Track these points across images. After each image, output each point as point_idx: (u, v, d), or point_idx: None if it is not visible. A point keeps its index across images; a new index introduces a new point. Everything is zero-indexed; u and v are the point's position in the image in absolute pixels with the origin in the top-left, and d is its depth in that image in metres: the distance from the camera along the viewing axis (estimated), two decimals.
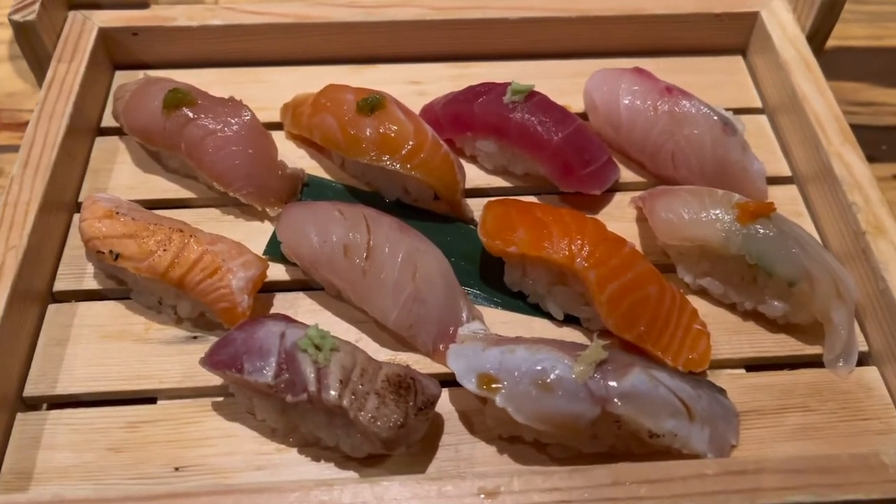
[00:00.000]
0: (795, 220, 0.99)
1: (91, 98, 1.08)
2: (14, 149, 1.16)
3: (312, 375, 0.76)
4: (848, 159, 0.98)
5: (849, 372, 0.89)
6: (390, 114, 0.98)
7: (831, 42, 1.45)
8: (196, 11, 1.14)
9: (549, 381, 0.76)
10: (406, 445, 0.78)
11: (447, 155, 0.98)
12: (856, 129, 1.03)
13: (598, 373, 0.77)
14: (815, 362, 0.90)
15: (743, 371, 0.90)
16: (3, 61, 1.35)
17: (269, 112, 1.10)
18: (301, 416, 0.79)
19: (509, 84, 1.01)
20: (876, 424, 0.85)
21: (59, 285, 0.94)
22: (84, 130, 1.05)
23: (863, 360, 0.90)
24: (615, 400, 0.76)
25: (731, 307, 0.94)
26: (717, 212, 0.89)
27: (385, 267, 0.87)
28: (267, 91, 1.13)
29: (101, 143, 1.07)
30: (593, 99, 1.06)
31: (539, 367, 0.77)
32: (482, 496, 0.71)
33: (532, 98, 1.00)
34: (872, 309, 0.90)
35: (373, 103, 0.98)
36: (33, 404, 0.86)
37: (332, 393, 0.75)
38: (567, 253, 0.86)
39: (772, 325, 0.92)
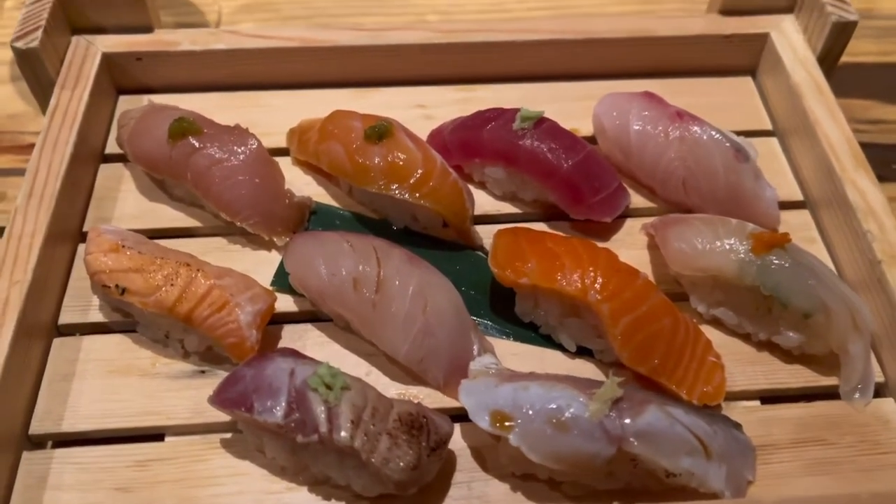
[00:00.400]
0: (808, 246, 0.99)
1: (95, 124, 1.07)
2: (17, 172, 1.16)
3: (323, 416, 0.75)
4: (862, 185, 0.97)
5: (865, 404, 0.87)
6: (398, 141, 0.97)
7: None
8: (200, 36, 1.13)
9: (563, 419, 0.75)
10: (418, 486, 0.77)
11: (456, 183, 0.97)
12: (865, 147, 1.02)
13: (613, 411, 0.76)
14: (831, 394, 0.89)
15: (758, 403, 0.89)
16: (4, 82, 1.33)
17: (274, 137, 1.09)
18: (312, 455, 0.78)
19: (518, 110, 1.00)
20: (895, 458, 0.84)
21: (65, 318, 0.92)
22: (88, 158, 1.04)
23: (879, 392, 0.89)
24: (631, 439, 0.75)
25: (746, 337, 0.92)
26: (731, 242, 0.88)
27: (395, 300, 0.85)
28: (272, 115, 1.12)
29: (105, 170, 1.06)
30: (602, 123, 1.05)
31: (553, 406, 0.76)
32: None
33: (541, 124, 0.99)
34: (889, 339, 0.89)
35: (381, 131, 0.97)
36: (39, 442, 0.84)
37: (344, 434, 0.74)
38: (580, 285, 0.85)
39: (787, 355, 0.91)
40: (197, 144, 0.95)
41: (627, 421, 0.75)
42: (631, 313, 0.84)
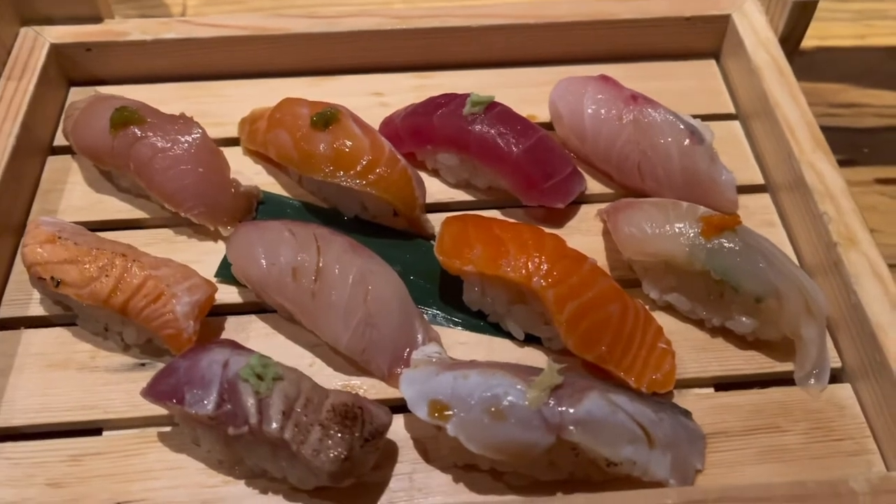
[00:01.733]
0: (768, 229, 0.97)
1: (42, 116, 1.05)
2: None
3: (253, 407, 0.73)
4: (820, 168, 0.95)
5: (821, 390, 0.85)
6: (345, 128, 0.95)
7: (812, 42, 1.42)
8: (150, 25, 1.11)
9: (501, 408, 0.73)
10: (354, 477, 0.75)
11: (405, 170, 0.95)
12: (837, 131, 1.00)
13: (552, 398, 0.74)
14: (786, 380, 0.87)
15: (711, 390, 0.87)
16: None
17: (226, 127, 1.08)
18: (246, 447, 0.76)
19: (469, 95, 0.98)
20: (849, 445, 0.82)
21: (4, 312, 0.91)
22: (34, 150, 1.03)
23: (836, 377, 0.87)
24: (570, 427, 0.73)
25: (699, 323, 0.90)
26: (681, 225, 0.86)
27: (335, 289, 0.83)
28: (225, 106, 1.10)
29: (52, 162, 1.05)
30: (558, 108, 1.03)
31: (491, 394, 0.74)
32: None
33: (493, 109, 0.97)
34: (845, 323, 0.87)
35: (327, 117, 0.95)
36: None
37: (274, 425, 0.72)
38: (524, 272, 0.83)
39: (741, 341, 0.89)
40: (139, 134, 0.94)
41: (567, 409, 0.73)
42: (576, 299, 0.82)
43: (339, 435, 0.73)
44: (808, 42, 1.23)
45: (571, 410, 0.73)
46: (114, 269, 0.83)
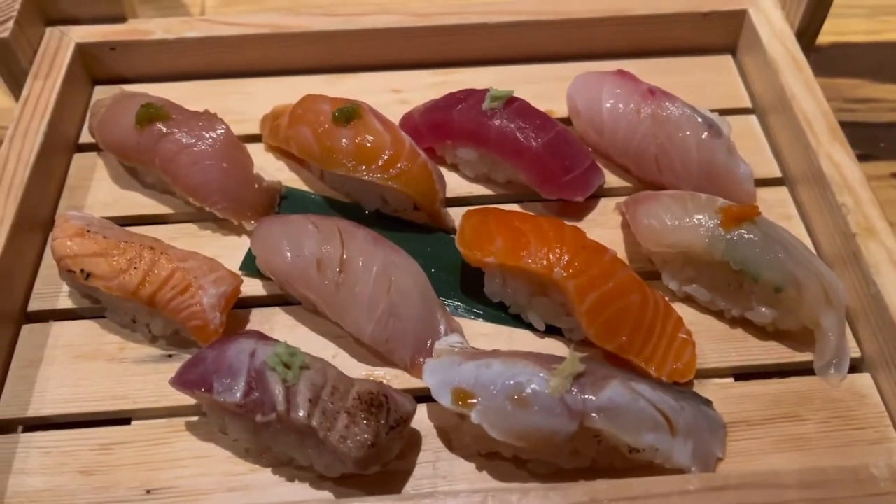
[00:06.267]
0: (785, 222, 0.97)
1: (68, 114, 1.07)
2: None
3: (281, 395, 0.74)
4: (837, 159, 0.95)
5: (840, 379, 0.86)
6: (367, 123, 0.96)
7: (828, 38, 1.43)
8: (173, 24, 1.13)
9: (524, 395, 0.74)
10: (380, 465, 0.76)
11: (425, 164, 0.96)
12: (854, 126, 1.01)
13: (575, 386, 0.75)
14: (805, 370, 0.87)
15: (731, 380, 0.87)
16: None
17: (248, 124, 1.09)
18: (273, 436, 0.77)
19: (488, 90, 0.99)
20: (870, 434, 0.82)
21: (34, 305, 0.92)
22: (61, 147, 1.04)
23: (855, 367, 0.88)
24: (592, 414, 0.73)
25: (719, 314, 0.91)
26: (700, 217, 0.87)
27: (359, 281, 0.85)
28: (247, 103, 1.12)
29: (79, 159, 1.06)
30: (576, 103, 1.04)
31: (514, 382, 0.75)
32: None
33: (512, 104, 0.98)
34: (865, 314, 0.87)
35: (349, 113, 0.96)
36: (5, 427, 0.84)
37: (301, 412, 0.73)
38: (545, 263, 0.84)
39: (760, 332, 0.89)
40: (164, 130, 0.95)
41: (589, 396, 0.74)
42: (597, 290, 0.83)
43: (366, 422, 0.74)
44: (824, 38, 1.24)
45: (593, 398, 0.74)
46: (142, 261, 0.85)
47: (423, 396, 0.82)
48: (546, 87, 1.12)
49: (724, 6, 1.15)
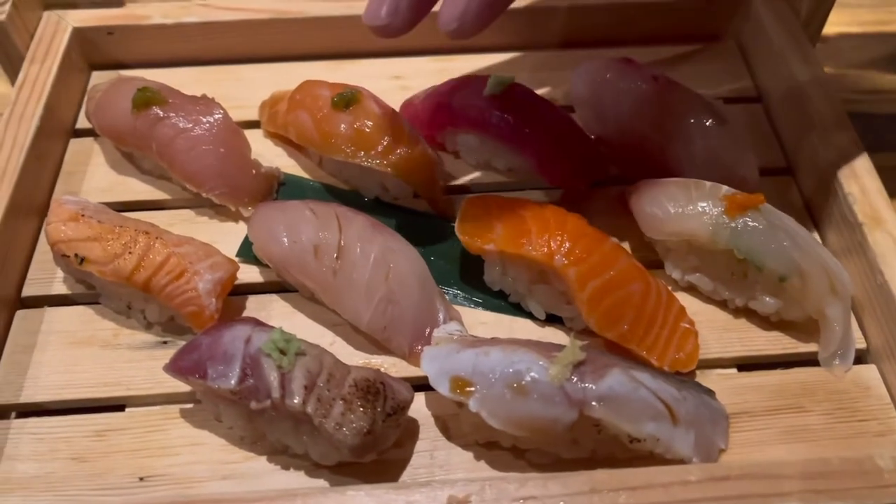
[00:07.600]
0: (790, 211, 0.95)
1: (65, 99, 1.06)
2: None
3: (276, 381, 0.73)
4: (843, 147, 0.94)
5: (845, 370, 0.84)
6: (366, 109, 0.95)
7: (835, 28, 1.41)
8: (171, 9, 1.11)
9: (523, 383, 0.73)
10: (376, 453, 0.75)
11: (425, 151, 0.94)
12: (861, 116, 0.99)
13: (575, 375, 0.73)
14: (810, 361, 0.86)
15: (734, 371, 0.86)
16: None
17: (247, 110, 1.08)
18: (268, 423, 0.76)
19: (490, 77, 0.98)
20: (874, 426, 0.81)
21: (28, 290, 0.91)
22: (57, 132, 1.03)
23: (861, 358, 0.86)
24: (592, 403, 0.72)
25: (722, 304, 0.90)
26: (704, 205, 0.85)
27: (357, 267, 0.83)
28: (245, 89, 1.11)
29: (75, 144, 1.05)
30: (579, 91, 1.03)
31: (513, 370, 0.74)
32: None
33: (513, 91, 0.97)
34: (870, 304, 0.86)
35: (348, 98, 0.95)
36: None
37: (296, 399, 0.72)
38: (546, 250, 0.83)
39: (764, 322, 0.88)
40: (161, 114, 0.94)
41: (589, 385, 0.73)
42: (598, 278, 0.82)
43: (362, 409, 0.73)
44: (830, 28, 1.22)
45: (594, 386, 0.73)
46: (137, 246, 0.84)
47: (422, 385, 0.81)
48: (549, 75, 1.11)
49: None
